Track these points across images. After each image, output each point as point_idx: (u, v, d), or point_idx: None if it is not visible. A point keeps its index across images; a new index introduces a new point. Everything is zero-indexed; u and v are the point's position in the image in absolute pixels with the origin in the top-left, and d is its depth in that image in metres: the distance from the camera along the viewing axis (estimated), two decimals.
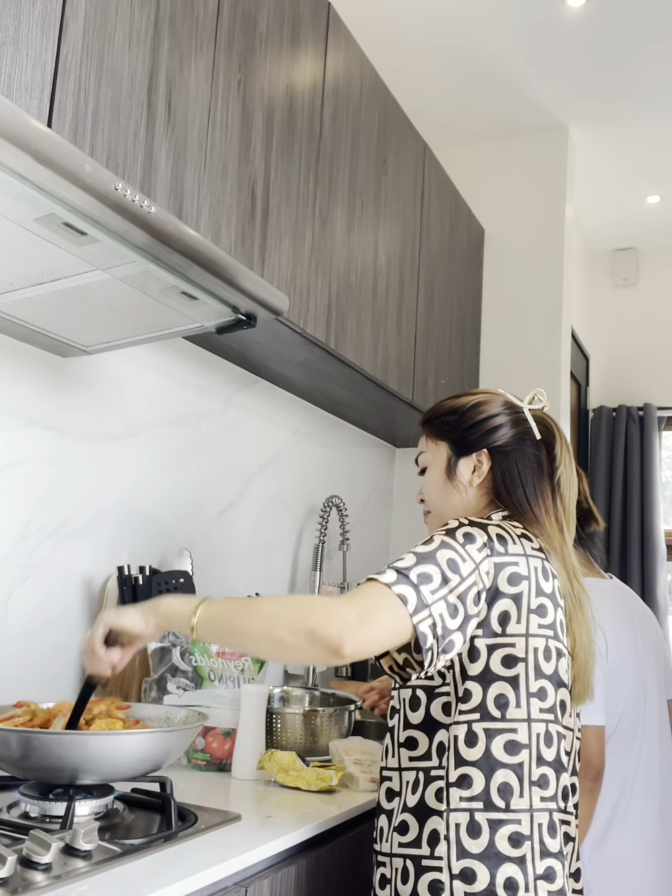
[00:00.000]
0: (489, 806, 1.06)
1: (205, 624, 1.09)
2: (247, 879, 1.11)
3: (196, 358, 2.06)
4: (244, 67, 1.69)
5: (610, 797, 1.58)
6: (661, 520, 3.77)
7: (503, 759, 1.08)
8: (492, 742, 1.08)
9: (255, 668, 1.75)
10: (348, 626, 1.00)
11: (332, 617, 1.01)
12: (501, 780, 1.07)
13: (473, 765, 1.07)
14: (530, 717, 1.10)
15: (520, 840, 1.06)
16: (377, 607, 1.03)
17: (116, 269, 1.29)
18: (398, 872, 1.10)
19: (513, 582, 1.11)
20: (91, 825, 1.02)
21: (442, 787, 1.08)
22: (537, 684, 1.11)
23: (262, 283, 1.44)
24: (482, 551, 1.10)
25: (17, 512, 1.59)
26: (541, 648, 1.12)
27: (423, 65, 2.82)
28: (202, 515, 2.09)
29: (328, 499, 2.43)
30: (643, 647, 1.72)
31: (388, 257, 2.32)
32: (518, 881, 1.04)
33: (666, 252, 4.05)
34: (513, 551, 1.13)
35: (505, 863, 1.04)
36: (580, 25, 2.59)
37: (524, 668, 1.10)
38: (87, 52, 1.31)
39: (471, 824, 1.06)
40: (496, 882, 1.03)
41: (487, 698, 1.09)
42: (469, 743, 1.08)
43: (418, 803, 1.10)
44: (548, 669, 1.13)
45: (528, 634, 1.11)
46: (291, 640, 1.02)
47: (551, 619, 1.14)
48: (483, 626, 1.09)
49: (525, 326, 3.09)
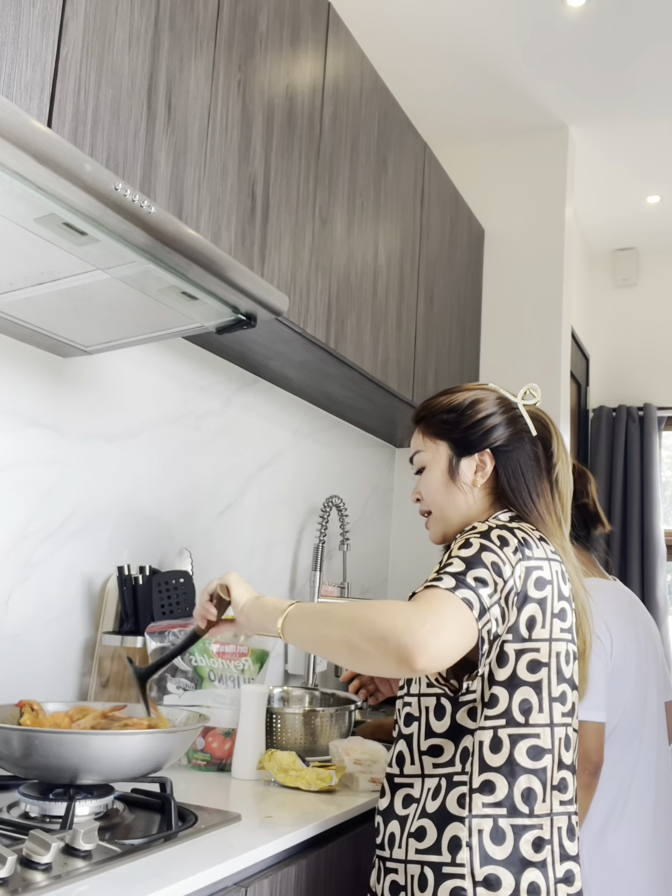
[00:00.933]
0: (513, 812, 1.05)
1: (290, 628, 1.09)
2: (247, 879, 1.11)
3: (196, 358, 2.06)
4: (244, 67, 1.69)
5: (607, 796, 1.59)
6: (661, 520, 3.77)
7: (526, 765, 1.07)
8: (515, 747, 1.07)
9: (255, 668, 1.75)
10: (423, 636, 0.96)
11: (407, 626, 0.97)
12: (525, 786, 1.06)
13: (497, 770, 1.06)
14: (552, 721, 1.10)
15: (541, 845, 1.06)
16: (447, 615, 0.99)
17: (116, 269, 1.29)
18: (415, 879, 1.07)
19: (539, 586, 1.11)
20: (91, 825, 1.02)
21: (465, 793, 1.06)
22: (559, 689, 1.11)
23: (262, 283, 1.44)
24: (516, 554, 1.09)
25: (17, 512, 1.59)
26: (562, 653, 1.12)
27: (423, 65, 2.82)
28: (202, 515, 2.09)
29: (328, 499, 2.43)
30: (645, 649, 1.72)
31: (387, 257, 2.32)
32: (540, 886, 1.04)
33: (666, 252, 4.05)
34: (537, 555, 1.13)
35: (528, 868, 1.04)
36: (580, 25, 2.59)
37: (547, 673, 1.10)
38: (87, 52, 1.31)
39: (494, 830, 1.04)
40: (521, 888, 1.03)
41: (513, 703, 1.08)
42: (494, 749, 1.07)
43: (439, 809, 1.08)
44: (567, 673, 1.13)
45: (551, 639, 1.11)
46: (365, 647, 0.99)
47: (570, 622, 1.15)
48: (512, 630, 1.08)
49: (525, 326, 3.09)
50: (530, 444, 1.23)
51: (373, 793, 1.45)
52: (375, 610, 1.02)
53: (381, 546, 3.01)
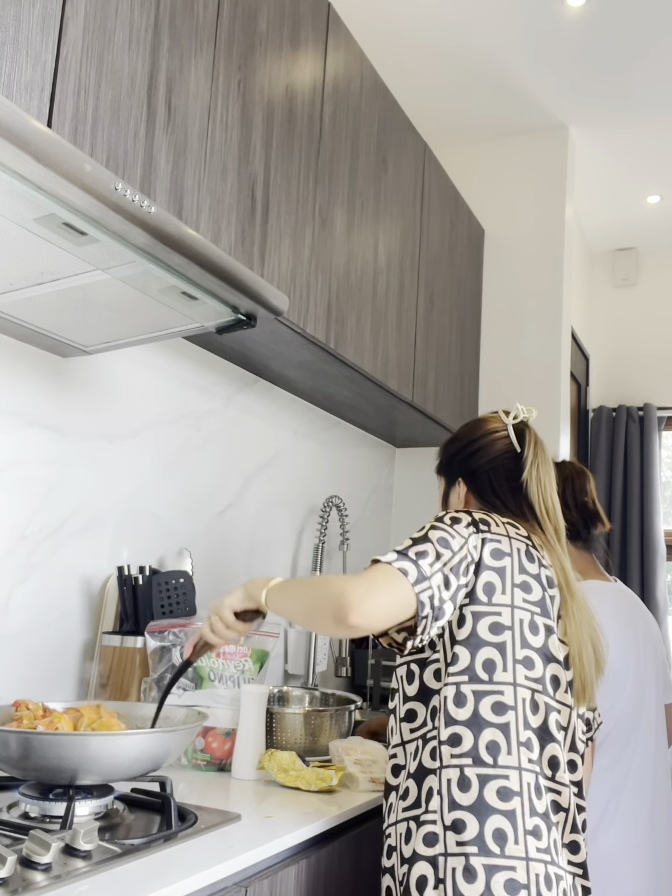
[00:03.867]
0: (477, 762, 1.13)
1: (271, 594, 1.26)
2: (247, 879, 1.11)
3: (196, 358, 2.06)
4: (244, 67, 1.69)
5: (601, 797, 1.59)
6: (661, 520, 3.77)
7: (490, 719, 1.15)
8: (480, 702, 1.16)
9: (255, 668, 1.75)
10: (357, 598, 1.10)
11: (343, 590, 1.11)
12: (489, 739, 1.14)
13: (462, 724, 1.15)
14: (516, 681, 1.17)
15: (508, 795, 1.12)
16: (381, 582, 1.12)
17: (116, 269, 1.29)
18: (402, 837, 1.16)
19: (496, 556, 1.21)
20: (91, 825, 1.02)
21: (435, 747, 1.15)
22: (523, 653, 1.19)
23: (262, 283, 1.44)
24: (469, 528, 1.22)
25: (17, 512, 1.59)
26: (526, 621, 1.21)
27: (424, 65, 2.82)
28: (202, 515, 2.09)
29: (328, 499, 2.43)
30: (644, 651, 1.72)
31: (388, 257, 2.32)
32: (507, 833, 1.10)
33: (666, 252, 4.05)
34: (496, 531, 1.24)
35: (493, 814, 1.10)
36: (580, 25, 2.59)
37: (510, 636, 1.19)
38: (87, 52, 1.31)
39: (461, 779, 1.12)
40: (485, 832, 1.09)
41: (476, 662, 1.17)
42: (458, 703, 1.16)
43: (417, 767, 1.17)
44: (535, 642, 1.21)
45: (513, 606, 1.20)
46: (315, 612, 1.14)
47: (538, 597, 1.23)
48: (470, 595, 1.19)
49: (525, 326, 3.09)
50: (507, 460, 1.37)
51: (373, 793, 1.45)
52: (325, 581, 1.17)
53: (381, 546, 3.01)
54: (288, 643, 2.39)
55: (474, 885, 1.06)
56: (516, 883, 1.07)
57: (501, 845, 1.09)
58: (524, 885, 1.07)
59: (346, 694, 1.91)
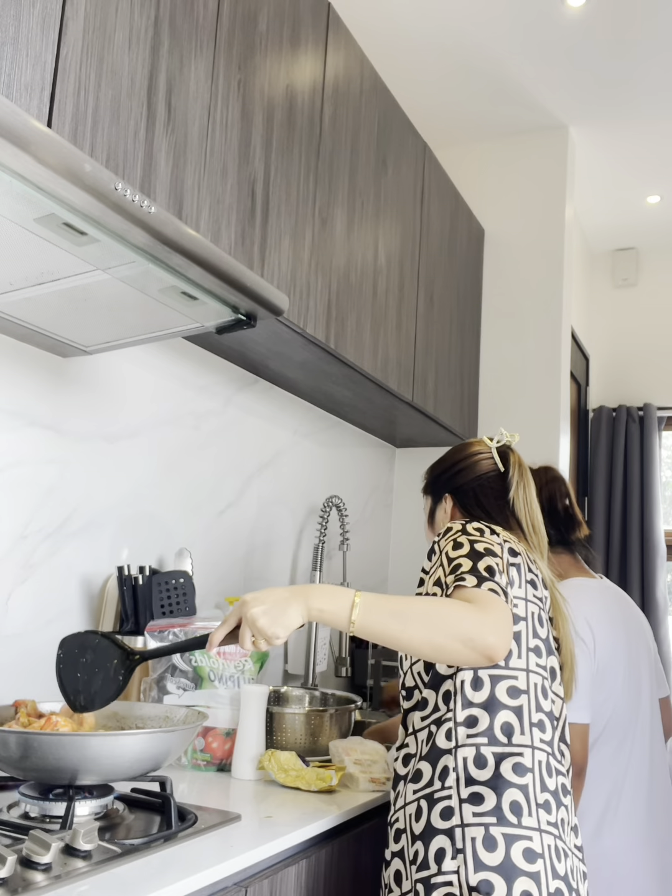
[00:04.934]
0: (493, 741, 1.18)
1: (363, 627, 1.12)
2: (247, 879, 1.11)
3: (196, 358, 2.06)
4: (244, 67, 1.69)
5: (602, 795, 1.59)
6: (661, 520, 3.77)
7: (505, 702, 1.21)
8: (496, 686, 1.21)
9: (256, 668, 1.75)
10: (497, 632, 1.12)
11: (483, 625, 1.11)
12: (504, 720, 1.19)
13: (479, 706, 1.20)
14: (528, 668, 1.24)
15: (523, 770, 1.17)
16: (497, 609, 1.15)
17: (116, 269, 1.29)
18: (412, 817, 1.18)
19: (513, 554, 1.30)
20: (91, 825, 1.02)
21: (451, 728, 1.19)
22: (534, 642, 1.27)
23: (262, 283, 1.44)
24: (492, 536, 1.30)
25: (17, 512, 1.59)
26: (535, 613, 1.30)
27: (424, 65, 2.82)
28: (202, 515, 2.09)
29: (328, 499, 2.43)
30: (636, 646, 1.72)
31: (388, 257, 2.32)
32: (522, 806, 1.14)
33: (666, 252, 4.05)
34: (497, 540, 1.31)
35: (510, 788, 1.15)
36: (580, 25, 2.59)
37: (524, 626, 1.26)
38: (87, 52, 1.31)
39: (477, 757, 1.17)
40: (502, 805, 1.14)
41: None
42: (475, 686, 1.21)
43: (430, 748, 1.20)
44: (542, 633, 1.30)
45: (526, 599, 1.29)
46: (451, 646, 1.10)
47: (542, 594, 1.33)
48: None
49: (525, 326, 3.09)
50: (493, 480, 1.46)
51: (373, 793, 1.45)
52: (452, 612, 1.13)
53: (380, 546, 3.01)
54: (288, 643, 2.39)
55: (495, 853, 1.11)
56: (533, 852, 1.12)
57: (518, 816, 1.13)
58: (540, 855, 1.12)
59: (346, 694, 1.91)
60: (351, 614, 1.11)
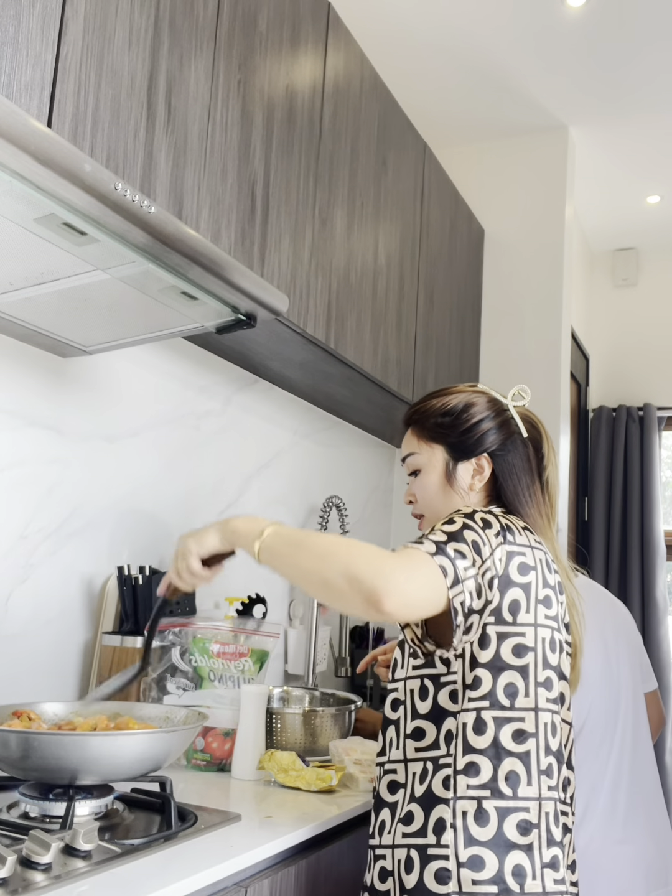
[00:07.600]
0: (497, 794, 1.06)
1: (267, 551, 1.10)
2: (247, 879, 1.11)
3: (196, 358, 2.06)
4: (244, 67, 1.69)
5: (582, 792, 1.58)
6: (661, 520, 3.77)
7: (510, 748, 1.07)
8: (500, 730, 1.07)
9: (255, 668, 1.75)
10: (394, 582, 0.99)
11: (381, 569, 1.00)
12: (509, 769, 1.07)
13: (481, 753, 1.07)
14: (538, 706, 1.10)
15: (528, 828, 1.06)
16: (422, 572, 1.02)
17: (116, 269, 1.29)
18: (401, 864, 1.08)
19: (522, 571, 1.12)
20: (91, 825, 1.02)
21: (449, 775, 1.07)
22: (544, 674, 1.12)
23: (262, 283, 1.44)
24: (498, 537, 1.11)
25: (17, 512, 1.59)
26: (547, 639, 1.13)
27: (424, 65, 2.82)
28: (202, 515, 2.09)
29: (328, 499, 2.43)
30: (614, 642, 1.71)
31: (388, 257, 2.32)
32: (526, 868, 1.04)
33: (666, 252, 4.05)
34: (520, 542, 1.14)
35: (513, 850, 1.04)
36: (580, 25, 2.59)
37: (533, 658, 1.11)
38: (87, 52, 1.31)
39: (478, 812, 1.05)
40: (504, 869, 1.03)
41: (497, 686, 1.09)
42: (477, 731, 1.07)
43: (425, 793, 1.09)
44: (553, 661, 1.14)
45: (536, 624, 1.12)
46: (337, 582, 1.01)
47: (555, 611, 1.16)
48: (495, 613, 1.09)
49: (525, 326, 3.09)
50: (522, 447, 1.25)
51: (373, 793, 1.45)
52: (354, 549, 1.04)
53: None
54: (288, 643, 2.38)
55: None
56: None
57: (521, 882, 1.04)
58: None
59: (346, 694, 1.91)
60: (259, 538, 1.11)
